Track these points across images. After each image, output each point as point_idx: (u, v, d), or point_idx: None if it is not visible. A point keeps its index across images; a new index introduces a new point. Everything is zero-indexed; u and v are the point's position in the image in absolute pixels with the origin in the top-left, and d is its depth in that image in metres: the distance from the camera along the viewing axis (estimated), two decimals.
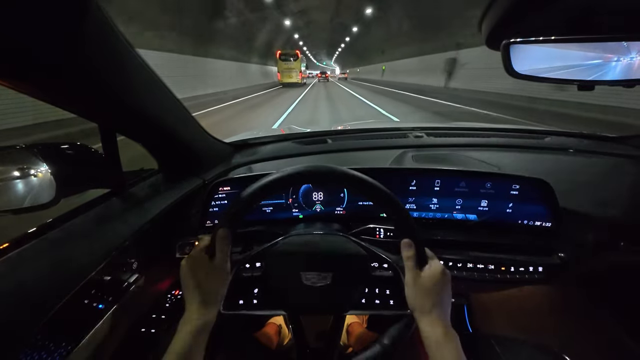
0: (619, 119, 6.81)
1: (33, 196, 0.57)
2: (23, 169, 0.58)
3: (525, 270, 0.76)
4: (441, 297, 0.51)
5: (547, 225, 0.78)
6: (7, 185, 0.58)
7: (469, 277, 0.77)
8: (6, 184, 0.58)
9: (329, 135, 1.24)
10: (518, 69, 0.56)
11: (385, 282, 0.62)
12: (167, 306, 0.84)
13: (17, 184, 0.58)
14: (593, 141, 1.18)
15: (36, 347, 0.43)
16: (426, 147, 1.12)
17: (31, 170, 0.58)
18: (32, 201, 0.56)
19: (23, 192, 0.57)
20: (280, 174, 0.51)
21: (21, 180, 0.58)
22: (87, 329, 0.51)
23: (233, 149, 1.07)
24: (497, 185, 0.78)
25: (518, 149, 1.12)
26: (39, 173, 0.57)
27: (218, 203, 0.81)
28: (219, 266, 0.51)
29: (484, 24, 0.53)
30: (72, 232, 0.55)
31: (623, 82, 0.54)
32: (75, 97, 0.48)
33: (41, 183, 0.57)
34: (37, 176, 0.58)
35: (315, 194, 0.84)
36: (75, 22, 0.37)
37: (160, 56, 12.01)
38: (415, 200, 0.83)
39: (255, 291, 0.63)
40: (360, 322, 1.13)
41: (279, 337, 1.09)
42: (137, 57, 0.52)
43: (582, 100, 7.79)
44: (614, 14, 0.45)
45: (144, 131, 0.66)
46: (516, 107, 9.15)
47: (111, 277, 0.56)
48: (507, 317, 1.15)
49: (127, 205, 0.66)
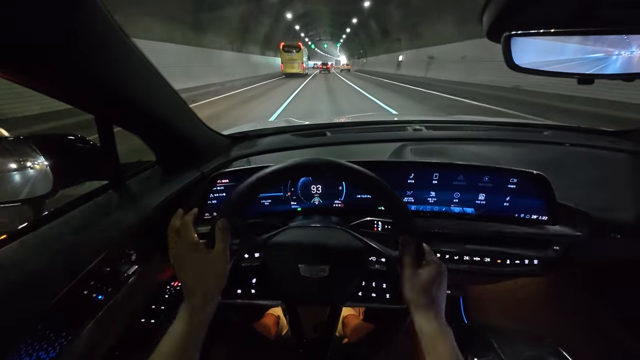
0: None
1: (30, 188, 0.57)
2: (19, 161, 0.57)
3: (521, 263, 0.77)
4: (437, 292, 0.52)
5: (543, 219, 0.78)
6: (3, 178, 0.57)
7: (466, 270, 0.78)
8: (2, 176, 0.58)
9: (327, 128, 1.24)
10: (518, 62, 0.56)
11: (382, 275, 0.63)
12: (166, 297, 0.84)
13: (13, 176, 0.58)
14: (591, 135, 1.18)
15: (36, 338, 0.44)
16: (425, 140, 1.12)
17: (27, 162, 0.57)
18: (28, 193, 0.56)
19: (19, 184, 0.57)
20: (279, 166, 0.51)
21: (17, 172, 0.58)
22: (86, 319, 0.51)
23: (231, 141, 1.06)
24: (494, 178, 0.78)
25: (516, 142, 1.12)
26: (35, 165, 0.57)
27: (217, 195, 0.81)
28: (218, 257, 0.52)
29: (484, 16, 0.52)
30: (70, 223, 0.55)
31: (623, 76, 0.54)
32: (71, 89, 0.47)
33: (37, 175, 0.57)
34: (33, 168, 0.57)
35: (314, 187, 0.84)
36: (71, 13, 0.37)
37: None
38: (414, 193, 0.83)
39: (254, 281, 0.64)
40: (356, 314, 1.15)
41: (277, 328, 1.10)
42: (134, 48, 0.51)
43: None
44: (615, 6, 0.45)
45: (141, 123, 0.65)
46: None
47: (110, 268, 0.57)
48: (502, 308, 1.17)
49: (125, 197, 0.66)
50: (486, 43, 0.60)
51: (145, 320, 0.77)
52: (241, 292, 0.63)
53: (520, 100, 8.59)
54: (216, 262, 0.52)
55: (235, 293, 0.63)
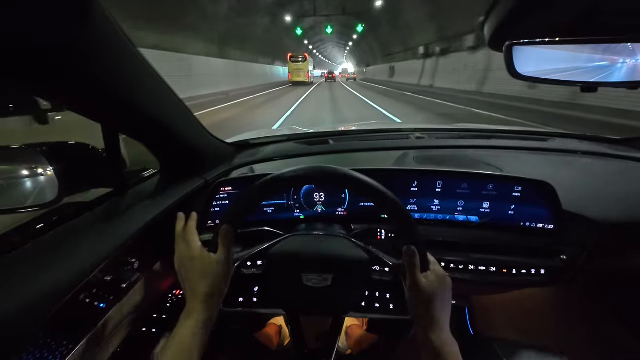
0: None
1: (36, 195, 0.58)
2: (27, 168, 0.58)
3: (528, 272, 0.76)
4: (442, 304, 0.51)
5: (549, 228, 0.77)
6: (11, 184, 0.58)
7: (471, 280, 0.77)
8: (10, 183, 0.58)
9: (331, 136, 1.24)
10: (521, 71, 0.56)
11: (386, 286, 0.62)
12: (168, 306, 0.84)
13: (20, 183, 0.59)
14: (597, 143, 1.17)
15: (38, 346, 0.43)
16: (428, 148, 1.12)
17: (34, 170, 0.58)
18: (35, 200, 0.57)
19: (26, 191, 0.58)
20: (282, 174, 0.51)
21: (24, 179, 0.59)
22: (88, 327, 0.51)
23: (235, 149, 1.07)
24: (499, 187, 0.77)
25: (521, 150, 1.11)
26: (42, 172, 0.58)
27: (220, 203, 0.81)
28: (221, 263, 0.51)
29: (486, 25, 0.52)
30: (74, 231, 0.55)
31: (627, 84, 0.53)
32: (77, 97, 0.48)
33: (44, 182, 0.58)
34: (40, 175, 0.58)
35: (317, 195, 0.84)
36: (78, 23, 0.38)
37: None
38: (417, 201, 0.83)
39: (255, 289, 0.63)
40: (359, 325, 1.13)
41: (280, 338, 1.09)
42: (140, 57, 0.52)
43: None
44: (618, 15, 0.45)
45: (146, 131, 0.66)
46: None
47: (112, 276, 0.57)
48: (509, 319, 1.15)
49: (128, 204, 0.67)
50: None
51: (146, 329, 0.76)
52: (243, 301, 0.63)
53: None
54: (219, 268, 0.51)
55: (237, 301, 0.62)
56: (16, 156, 0.59)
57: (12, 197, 0.57)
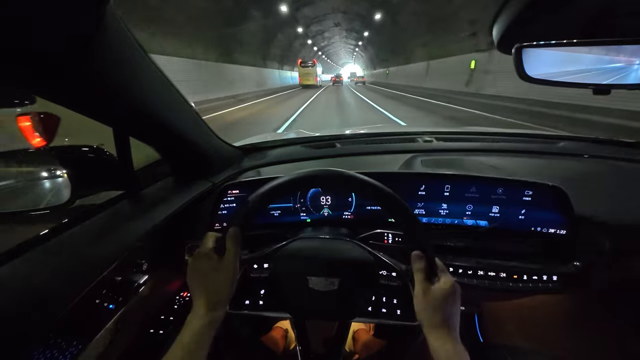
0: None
1: (50, 197, 0.59)
2: (40, 171, 0.60)
3: (539, 279, 0.74)
4: (451, 311, 0.49)
5: (561, 233, 0.75)
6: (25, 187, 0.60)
7: (480, 286, 0.75)
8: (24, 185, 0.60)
9: (337, 140, 1.24)
10: (530, 73, 0.55)
11: (393, 291, 0.61)
12: (176, 308, 0.85)
13: (34, 186, 0.60)
14: (609, 146, 1.15)
15: (48, 345, 0.44)
16: (436, 151, 1.11)
17: (48, 173, 0.60)
18: (48, 202, 0.58)
19: (40, 194, 0.60)
20: (290, 177, 0.51)
21: (39, 181, 0.60)
22: (97, 328, 0.52)
23: (242, 152, 1.08)
24: (509, 191, 0.76)
25: (530, 154, 1.09)
26: (55, 175, 0.60)
27: (227, 206, 0.81)
28: (229, 264, 0.52)
29: (495, 28, 0.52)
30: (85, 232, 0.56)
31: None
32: (89, 102, 0.49)
33: (57, 185, 0.59)
34: (53, 178, 0.60)
35: (323, 198, 0.84)
36: (90, 28, 0.39)
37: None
38: (425, 205, 0.82)
39: (262, 292, 0.63)
40: (366, 329, 1.12)
41: (285, 342, 1.08)
42: (151, 62, 0.53)
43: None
44: (630, 16, 0.44)
45: (156, 135, 0.67)
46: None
47: (122, 277, 0.58)
48: (520, 326, 1.12)
49: (138, 207, 0.68)
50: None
51: (154, 330, 0.77)
52: (249, 303, 0.63)
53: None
54: (226, 270, 0.52)
55: (244, 304, 0.62)
56: (30, 159, 0.61)
57: (26, 199, 0.59)
